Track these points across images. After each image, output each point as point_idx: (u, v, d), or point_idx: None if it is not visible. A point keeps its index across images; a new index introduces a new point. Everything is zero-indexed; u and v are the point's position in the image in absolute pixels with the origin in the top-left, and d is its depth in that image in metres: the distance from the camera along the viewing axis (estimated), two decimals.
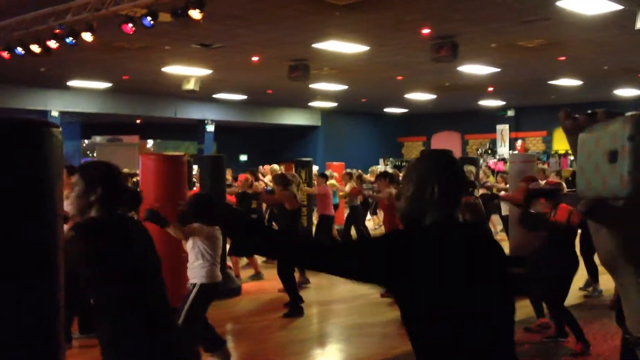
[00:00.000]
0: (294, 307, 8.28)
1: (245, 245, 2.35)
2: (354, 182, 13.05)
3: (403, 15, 10.57)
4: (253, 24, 11.18)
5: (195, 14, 8.52)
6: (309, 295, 9.23)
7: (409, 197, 2.22)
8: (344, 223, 13.22)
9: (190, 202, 2.42)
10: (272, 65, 15.05)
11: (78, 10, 9.72)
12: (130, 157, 21.41)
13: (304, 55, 13.93)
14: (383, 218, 9.62)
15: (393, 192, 9.47)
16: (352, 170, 14.79)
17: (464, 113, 26.33)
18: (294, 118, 27.05)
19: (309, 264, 2.12)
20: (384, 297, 9.07)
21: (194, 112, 23.56)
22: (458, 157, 13.43)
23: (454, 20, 10.81)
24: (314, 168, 15.26)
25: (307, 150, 26.38)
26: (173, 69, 15.80)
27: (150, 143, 28.29)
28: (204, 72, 16.22)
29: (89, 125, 25.31)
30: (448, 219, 2.18)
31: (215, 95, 21.73)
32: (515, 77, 17.47)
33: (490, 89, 20.48)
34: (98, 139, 25.42)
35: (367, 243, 2.22)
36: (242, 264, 10.65)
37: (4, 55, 11.27)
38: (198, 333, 5.56)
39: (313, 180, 13.63)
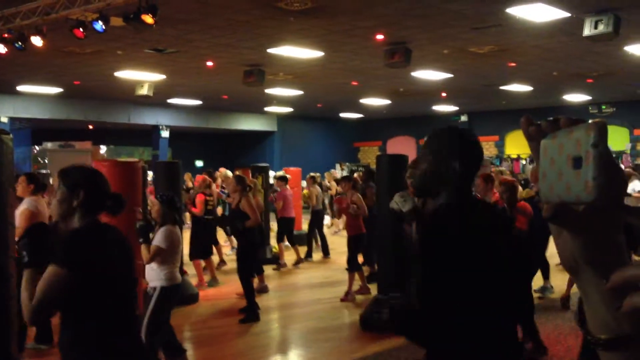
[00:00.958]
0: (250, 312, 8.24)
1: None
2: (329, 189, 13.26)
3: (357, 21, 10.65)
4: (207, 29, 11.11)
5: (148, 19, 8.43)
6: (268, 301, 9.21)
7: (424, 171, 2.19)
8: (308, 226, 13.36)
9: None
10: (227, 71, 14.98)
11: (27, 15, 9.52)
12: (83, 163, 20.99)
13: (259, 61, 13.90)
14: (346, 221, 9.72)
15: (358, 197, 9.57)
16: (315, 174, 14.91)
17: (419, 118, 26.65)
18: (250, 123, 26.97)
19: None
20: (344, 301, 9.11)
21: (148, 117, 23.26)
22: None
23: (407, 27, 10.94)
24: (271, 173, 15.25)
25: (263, 156, 26.32)
26: (126, 74, 15.58)
27: (104, 149, 27.82)
28: (158, 77, 16.04)
29: (40, 131, 24.75)
30: (466, 197, 2.15)
31: (170, 101, 21.51)
32: (467, 82, 17.76)
33: (444, 95, 20.78)
34: (49, 145, 24.85)
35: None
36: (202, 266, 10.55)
37: None
38: (160, 339, 5.48)
39: (273, 186, 13.67)
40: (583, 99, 21.86)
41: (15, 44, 9.76)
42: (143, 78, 16.22)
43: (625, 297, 0.68)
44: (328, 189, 18.38)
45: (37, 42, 9.64)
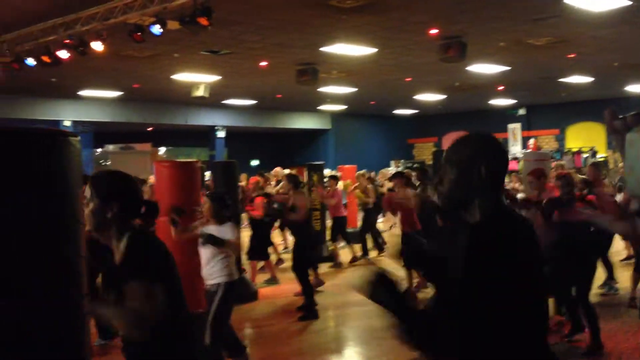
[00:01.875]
0: (309, 310, 8.27)
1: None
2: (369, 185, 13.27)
3: (410, 16, 10.55)
4: (260, 30, 11.21)
5: (204, 21, 8.54)
6: (325, 299, 9.23)
7: (453, 180, 2.10)
8: (362, 224, 13.31)
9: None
10: (280, 70, 15.07)
11: (87, 20, 9.78)
12: (143, 164, 21.45)
13: (312, 59, 13.94)
14: (400, 218, 9.61)
15: (411, 193, 9.47)
16: (365, 172, 14.93)
17: (475, 112, 26.25)
18: (304, 122, 27.08)
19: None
20: None
21: (204, 118, 23.63)
22: None
23: (461, 20, 10.78)
24: (325, 171, 15.27)
25: (317, 154, 26.38)
26: (182, 76, 15.86)
27: (163, 150, 28.35)
28: (213, 78, 16.27)
29: (101, 134, 25.41)
30: (499, 205, 2.07)
31: (225, 101, 21.78)
32: (525, 75, 17.40)
33: (501, 88, 20.40)
34: (111, 148, 25.47)
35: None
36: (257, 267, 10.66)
37: (15, 67, 11.34)
38: (222, 336, 5.56)
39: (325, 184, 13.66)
40: None
41: (77, 49, 10.04)
42: (199, 80, 16.48)
43: None
44: (380, 187, 18.31)
45: (97, 47, 9.90)
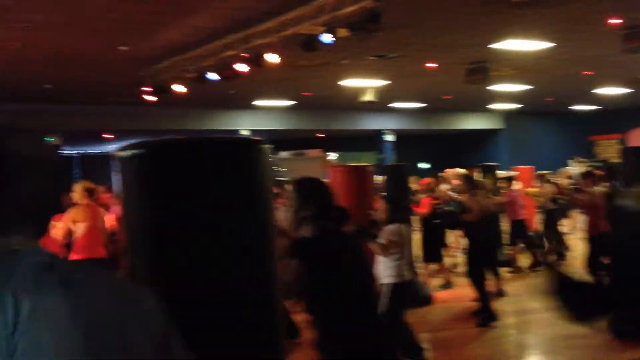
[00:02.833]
0: (486, 315, 8.01)
1: None
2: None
3: (589, 6, 9.92)
4: (426, 31, 11.10)
5: (372, 27, 8.60)
6: (504, 305, 8.89)
7: None
8: (544, 228, 12.73)
9: None
10: (448, 70, 14.83)
11: (262, 34, 10.22)
12: (314, 169, 22.10)
13: (482, 57, 13.57)
14: (588, 220, 9.05)
15: (595, 191, 8.92)
16: (545, 172, 14.31)
17: None
18: (474, 122, 26.46)
19: None
20: None
21: (372, 122, 23.88)
22: None
23: None
24: (501, 172, 14.76)
25: (489, 155, 25.57)
26: (350, 82, 16.13)
27: (334, 156, 28.96)
28: (381, 82, 16.37)
29: (274, 142, 26.55)
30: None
31: (392, 105, 21.85)
32: None
33: None
34: (284, 154, 26.56)
35: None
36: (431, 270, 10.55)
37: (197, 81, 12.16)
38: (398, 336, 5.54)
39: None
40: None
41: (253, 63, 10.55)
42: (366, 85, 16.66)
43: None
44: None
45: (273, 59, 10.31)
